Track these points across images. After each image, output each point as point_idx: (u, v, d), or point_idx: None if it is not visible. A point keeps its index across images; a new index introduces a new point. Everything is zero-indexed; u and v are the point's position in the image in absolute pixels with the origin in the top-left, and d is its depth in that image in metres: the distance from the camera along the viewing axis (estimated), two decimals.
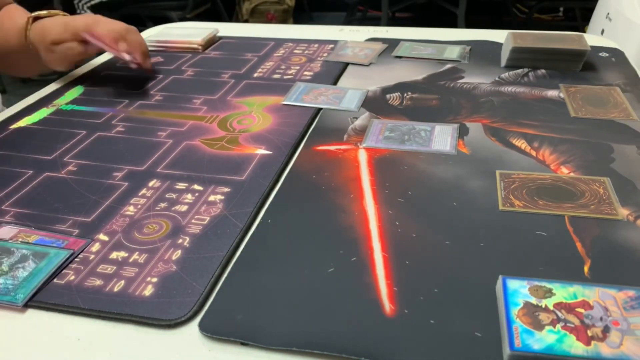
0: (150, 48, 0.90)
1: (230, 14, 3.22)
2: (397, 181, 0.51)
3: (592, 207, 0.46)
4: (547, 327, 0.33)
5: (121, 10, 2.62)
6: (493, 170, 0.52)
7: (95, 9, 2.58)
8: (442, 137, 0.58)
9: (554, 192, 0.48)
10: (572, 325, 0.33)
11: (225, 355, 0.35)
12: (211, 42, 0.92)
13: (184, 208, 0.48)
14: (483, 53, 0.82)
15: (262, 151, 0.57)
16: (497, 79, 0.73)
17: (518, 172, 0.51)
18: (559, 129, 0.60)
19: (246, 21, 3.15)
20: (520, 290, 0.36)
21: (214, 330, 0.36)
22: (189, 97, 0.71)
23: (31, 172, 0.55)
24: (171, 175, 0.54)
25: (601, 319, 0.34)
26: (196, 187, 0.51)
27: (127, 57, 0.71)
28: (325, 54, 0.84)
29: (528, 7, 2.95)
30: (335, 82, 0.75)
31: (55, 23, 0.72)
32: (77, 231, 0.46)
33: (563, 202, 0.47)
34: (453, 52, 0.82)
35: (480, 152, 0.56)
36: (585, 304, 0.35)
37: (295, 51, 0.87)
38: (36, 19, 0.73)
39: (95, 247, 0.44)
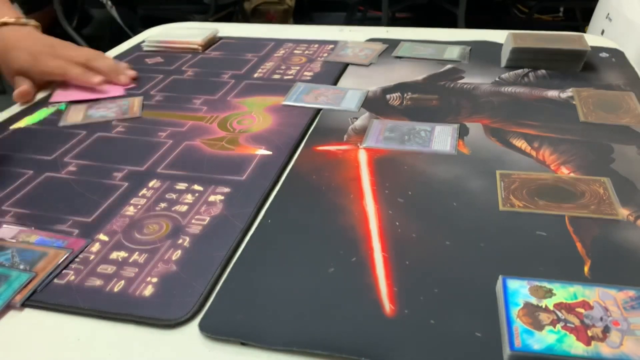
0: (150, 48, 0.90)
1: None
2: (397, 181, 0.51)
3: (592, 207, 0.46)
4: (547, 327, 0.33)
5: (140, 12, 2.61)
6: (493, 171, 0.52)
7: (117, 5, 2.56)
8: (442, 138, 0.58)
9: (554, 192, 0.48)
10: (572, 326, 0.33)
11: (225, 355, 0.35)
12: (211, 42, 0.92)
13: (184, 208, 0.49)
14: (483, 53, 0.82)
15: (262, 151, 0.57)
16: (497, 79, 0.73)
17: (518, 172, 0.51)
18: (559, 129, 0.60)
19: (246, 21, 3.15)
20: (520, 290, 0.36)
21: (214, 330, 0.36)
22: (189, 97, 0.71)
23: (31, 172, 0.55)
24: (171, 176, 0.54)
25: (601, 319, 0.34)
26: (196, 187, 0.51)
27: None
28: (325, 54, 0.84)
29: (528, 7, 2.95)
30: (335, 83, 0.75)
31: (22, 50, 0.70)
32: (77, 231, 0.46)
33: (563, 203, 0.47)
34: (453, 53, 0.82)
35: (480, 152, 0.56)
36: (585, 304, 0.35)
37: (295, 51, 0.87)
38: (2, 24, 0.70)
39: (95, 247, 0.44)
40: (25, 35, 0.71)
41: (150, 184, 0.52)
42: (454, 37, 0.89)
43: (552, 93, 0.68)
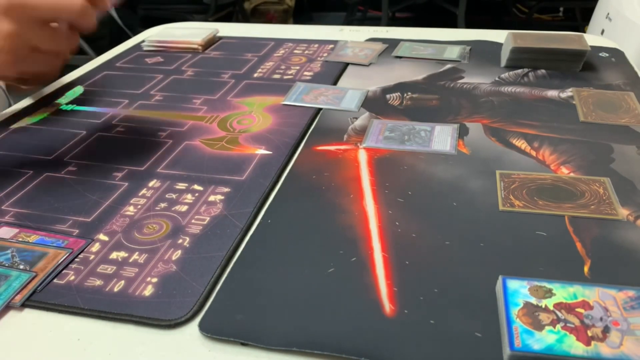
0: (150, 48, 0.90)
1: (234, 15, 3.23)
2: (397, 181, 0.51)
3: (592, 207, 0.46)
4: (547, 327, 0.33)
5: (140, 12, 2.60)
6: (493, 170, 0.52)
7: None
8: (442, 137, 0.58)
9: (554, 192, 0.48)
10: (572, 326, 0.33)
11: (225, 355, 0.35)
12: (211, 42, 0.92)
13: (184, 208, 0.49)
14: (483, 53, 0.82)
15: (262, 151, 0.57)
16: (497, 79, 0.73)
17: (518, 172, 0.51)
18: (559, 129, 0.60)
19: (246, 21, 3.15)
20: (520, 290, 0.36)
21: (214, 330, 0.36)
22: (189, 97, 0.71)
23: (31, 172, 0.55)
24: (171, 176, 0.54)
25: (601, 319, 0.34)
26: (196, 187, 0.51)
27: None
28: (325, 54, 0.84)
29: (528, 7, 2.95)
30: (335, 82, 0.75)
31: None
32: (77, 231, 0.46)
33: (563, 202, 0.47)
34: (453, 52, 0.82)
35: (480, 152, 0.56)
36: (585, 304, 0.35)
37: (295, 51, 0.87)
38: None
39: (95, 247, 0.44)
40: None
41: (150, 184, 0.52)
42: (454, 37, 0.89)
43: (552, 93, 0.68)
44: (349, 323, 0.36)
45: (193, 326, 0.37)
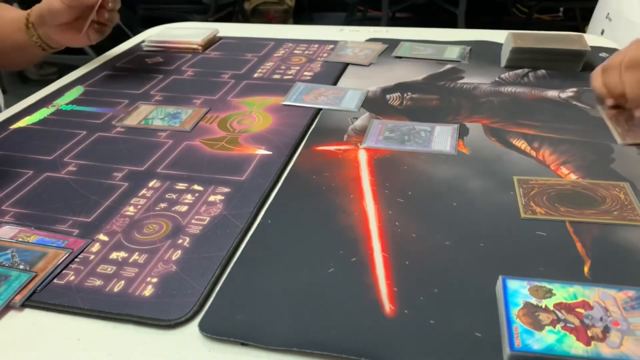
0: (150, 48, 0.90)
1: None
2: (397, 181, 0.51)
3: (615, 213, 0.45)
4: (547, 328, 0.33)
5: (140, 12, 2.60)
6: (493, 171, 0.52)
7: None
8: (442, 138, 0.58)
9: (574, 198, 0.47)
10: (572, 326, 0.33)
11: (225, 355, 0.35)
12: (211, 42, 0.92)
13: (184, 208, 0.49)
14: (483, 53, 0.82)
15: (262, 151, 0.57)
16: (497, 79, 0.73)
17: (536, 178, 0.50)
18: (558, 129, 0.60)
19: (246, 21, 3.15)
20: (520, 290, 0.36)
21: (214, 331, 0.36)
22: (189, 97, 0.71)
23: (31, 172, 0.55)
24: (171, 176, 0.54)
25: (601, 319, 0.34)
26: (196, 187, 0.51)
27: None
28: (325, 54, 0.84)
29: (528, 7, 2.95)
30: (335, 83, 0.75)
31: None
32: (77, 231, 0.46)
33: (585, 209, 0.46)
34: (453, 53, 0.82)
35: (480, 152, 0.56)
36: (585, 304, 0.35)
37: (295, 51, 0.87)
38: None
39: (95, 247, 0.44)
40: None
41: (150, 184, 0.52)
42: (454, 37, 0.89)
43: (552, 93, 0.68)
44: (349, 323, 0.36)
45: (193, 326, 0.37)
